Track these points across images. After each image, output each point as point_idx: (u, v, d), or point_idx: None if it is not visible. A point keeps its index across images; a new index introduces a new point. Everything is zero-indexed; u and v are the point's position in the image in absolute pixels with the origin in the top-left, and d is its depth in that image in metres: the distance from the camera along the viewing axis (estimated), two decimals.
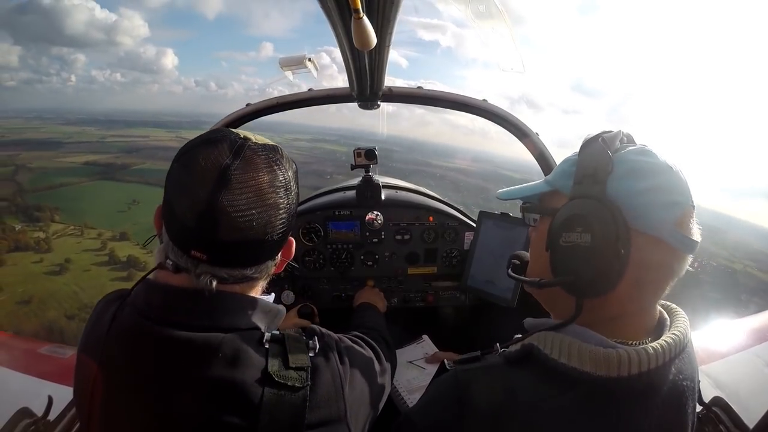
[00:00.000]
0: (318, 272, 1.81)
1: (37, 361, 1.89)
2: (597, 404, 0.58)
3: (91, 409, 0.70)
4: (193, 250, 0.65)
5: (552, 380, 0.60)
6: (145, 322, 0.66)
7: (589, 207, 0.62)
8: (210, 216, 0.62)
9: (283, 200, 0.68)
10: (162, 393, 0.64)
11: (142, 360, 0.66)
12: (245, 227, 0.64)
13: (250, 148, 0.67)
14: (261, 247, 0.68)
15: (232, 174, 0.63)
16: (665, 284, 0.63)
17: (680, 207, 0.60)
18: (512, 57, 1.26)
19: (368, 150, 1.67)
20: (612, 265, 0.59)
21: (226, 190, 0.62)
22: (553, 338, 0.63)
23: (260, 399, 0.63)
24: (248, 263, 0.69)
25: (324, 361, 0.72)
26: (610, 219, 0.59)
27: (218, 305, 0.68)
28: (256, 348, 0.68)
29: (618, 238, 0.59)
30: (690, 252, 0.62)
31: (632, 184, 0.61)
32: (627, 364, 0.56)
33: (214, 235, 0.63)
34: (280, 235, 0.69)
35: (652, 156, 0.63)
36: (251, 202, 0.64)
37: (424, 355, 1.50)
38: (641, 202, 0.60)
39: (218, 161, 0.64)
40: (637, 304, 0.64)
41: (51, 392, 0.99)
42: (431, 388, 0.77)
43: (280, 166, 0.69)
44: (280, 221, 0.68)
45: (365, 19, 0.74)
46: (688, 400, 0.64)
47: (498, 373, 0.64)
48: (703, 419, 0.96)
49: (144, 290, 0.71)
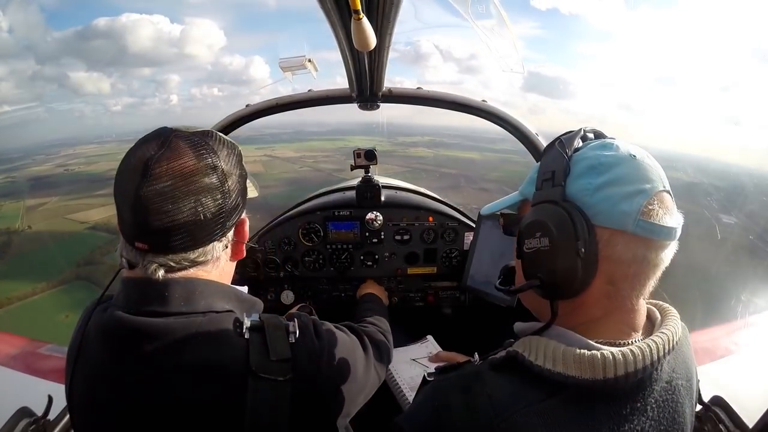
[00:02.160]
0: (318, 272, 1.81)
1: (37, 361, 1.89)
2: (586, 407, 0.57)
3: (72, 404, 0.73)
4: (136, 242, 0.68)
5: (538, 386, 0.58)
6: (123, 315, 0.68)
7: (545, 211, 0.62)
8: (139, 206, 0.65)
9: (212, 180, 0.69)
10: (145, 380, 0.66)
11: (121, 350, 0.68)
12: (172, 210, 0.66)
13: (177, 137, 0.70)
14: (196, 229, 0.69)
15: (155, 163, 0.66)
16: (644, 277, 0.61)
17: (644, 194, 0.58)
18: (512, 57, 1.26)
19: (368, 151, 1.67)
20: (575, 264, 0.59)
21: (149, 179, 0.65)
22: (537, 343, 0.62)
23: (244, 390, 0.66)
24: (189, 247, 0.70)
25: (301, 340, 0.74)
26: (566, 220, 0.59)
27: (186, 290, 0.70)
28: (235, 333, 0.70)
29: (577, 237, 0.58)
30: (665, 239, 0.59)
31: (589, 180, 0.60)
32: (613, 365, 0.55)
33: (146, 224, 0.66)
34: (216, 215, 0.70)
35: (611, 148, 0.62)
36: (176, 186, 0.66)
37: (428, 354, 1.51)
38: (600, 198, 0.59)
39: (144, 155, 0.67)
40: (618, 302, 0.62)
41: (51, 392, 0.99)
42: (416, 397, 0.78)
43: (208, 149, 0.70)
44: (212, 201, 0.69)
45: (365, 20, 0.75)
46: (685, 399, 0.64)
47: (474, 380, 0.62)
48: (702, 418, 0.96)
49: (121, 287, 0.73)
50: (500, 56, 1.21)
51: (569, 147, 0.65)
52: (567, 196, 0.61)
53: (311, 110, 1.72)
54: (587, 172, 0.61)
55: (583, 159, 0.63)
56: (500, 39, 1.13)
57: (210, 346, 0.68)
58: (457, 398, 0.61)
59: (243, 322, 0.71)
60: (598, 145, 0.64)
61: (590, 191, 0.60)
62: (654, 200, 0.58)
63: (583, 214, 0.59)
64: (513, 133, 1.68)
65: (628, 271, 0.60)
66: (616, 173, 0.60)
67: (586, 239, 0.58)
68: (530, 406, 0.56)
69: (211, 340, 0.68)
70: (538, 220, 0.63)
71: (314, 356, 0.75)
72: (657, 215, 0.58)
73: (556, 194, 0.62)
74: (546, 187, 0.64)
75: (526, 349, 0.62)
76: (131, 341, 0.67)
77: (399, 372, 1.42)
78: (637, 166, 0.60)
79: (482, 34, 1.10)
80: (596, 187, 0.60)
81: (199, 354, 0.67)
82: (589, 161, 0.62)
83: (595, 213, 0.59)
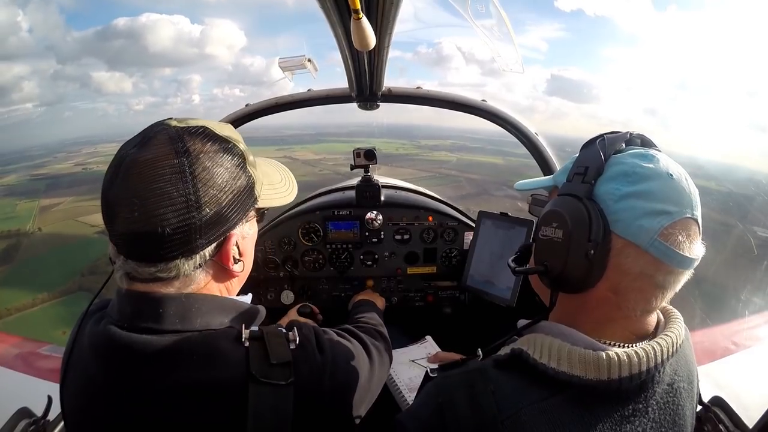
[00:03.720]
0: (317, 272, 1.81)
1: (37, 361, 1.89)
2: (588, 406, 0.57)
3: (65, 412, 0.70)
4: (116, 246, 0.65)
5: (541, 384, 0.58)
6: (117, 330, 0.64)
7: (567, 204, 0.62)
8: (106, 206, 0.62)
9: (175, 188, 0.60)
10: (139, 401, 0.63)
11: (113, 368, 0.64)
12: (132, 218, 0.60)
13: (161, 132, 0.64)
14: (156, 242, 0.61)
15: (128, 162, 0.61)
16: (651, 295, 0.60)
17: (669, 217, 0.57)
18: (513, 57, 1.26)
19: (368, 150, 1.67)
20: (581, 264, 0.59)
21: (116, 179, 0.61)
22: (542, 341, 0.62)
23: (244, 399, 0.62)
24: (148, 258, 0.63)
25: (302, 353, 0.71)
26: (584, 218, 0.59)
27: (182, 307, 0.65)
28: (233, 346, 0.66)
29: (589, 238, 0.58)
30: (680, 267, 0.58)
31: (618, 186, 0.60)
32: (617, 366, 0.55)
33: (111, 226, 0.62)
34: (176, 227, 0.61)
35: (652, 161, 0.61)
36: (137, 192, 0.60)
37: (427, 354, 1.50)
38: (624, 206, 0.59)
39: (122, 152, 0.63)
40: (621, 312, 0.61)
41: (50, 392, 0.99)
42: (418, 395, 0.78)
43: (181, 152, 0.62)
44: (172, 213, 0.60)
45: (365, 20, 0.74)
46: (686, 401, 0.64)
47: (478, 377, 0.62)
48: (702, 419, 0.96)
49: (116, 299, 0.69)
50: (500, 56, 1.21)
51: (610, 147, 0.64)
52: (594, 195, 0.61)
53: (333, 111, 1.72)
54: (619, 178, 0.60)
55: (619, 163, 0.62)
56: (500, 39, 1.13)
57: (205, 365, 0.63)
58: (461, 395, 0.60)
59: (242, 333, 0.68)
60: (639, 154, 0.63)
61: (616, 197, 0.59)
62: (677, 225, 0.57)
63: (603, 217, 0.59)
64: (513, 133, 1.68)
65: (633, 285, 0.59)
66: (647, 187, 0.58)
67: (598, 243, 0.58)
68: (534, 404, 0.56)
69: (206, 358, 0.64)
70: (557, 211, 0.63)
71: (317, 372, 0.71)
72: (676, 240, 0.57)
73: (582, 190, 0.62)
74: (576, 181, 0.63)
75: (530, 347, 0.62)
76: (123, 359, 0.63)
77: (398, 373, 1.42)
78: (671, 186, 0.59)
79: (482, 33, 1.10)
80: (623, 195, 0.59)
81: (194, 374, 0.63)
82: (624, 167, 0.61)
83: (615, 220, 0.59)
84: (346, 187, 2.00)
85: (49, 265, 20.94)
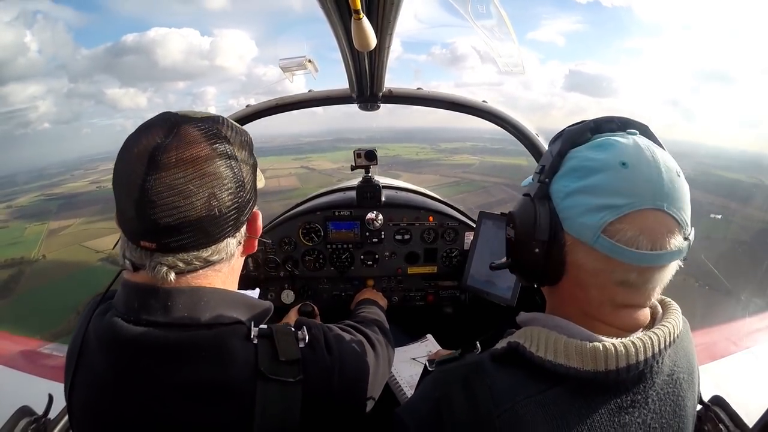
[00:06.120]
0: (318, 272, 1.81)
1: (37, 360, 1.90)
2: (586, 398, 0.56)
3: (72, 408, 0.69)
4: (141, 241, 0.62)
5: (539, 377, 0.58)
6: (123, 324, 0.63)
7: (521, 204, 0.65)
8: (145, 200, 0.59)
9: (226, 170, 0.63)
10: (146, 398, 0.62)
11: (120, 363, 0.63)
12: (184, 204, 0.60)
13: (186, 123, 0.64)
14: (210, 224, 0.63)
15: (163, 152, 0.60)
16: (615, 292, 0.58)
17: (614, 210, 0.54)
18: (513, 57, 1.26)
19: (368, 151, 1.67)
20: (533, 261, 0.61)
21: (157, 170, 0.59)
22: (538, 334, 0.61)
23: (252, 396, 0.62)
24: (201, 244, 0.64)
25: (312, 352, 0.71)
26: (530, 218, 0.60)
27: (190, 300, 0.65)
28: (242, 343, 0.66)
29: (535, 237, 0.59)
30: (638, 263, 0.54)
31: (567, 183, 0.59)
32: (614, 357, 0.55)
33: (154, 220, 0.59)
34: (230, 208, 0.64)
35: (606, 150, 0.57)
36: (187, 176, 0.60)
37: (428, 353, 1.51)
38: (569, 204, 0.58)
39: (150, 144, 0.61)
40: (594, 307, 0.60)
41: (51, 391, 0.99)
42: (417, 389, 0.77)
43: (221, 136, 0.65)
44: (227, 192, 0.63)
45: (365, 20, 0.75)
46: (687, 392, 0.64)
47: (475, 372, 0.62)
48: (702, 418, 0.96)
49: (122, 291, 0.68)
50: (500, 56, 1.21)
51: (567, 142, 0.62)
52: (550, 193, 0.61)
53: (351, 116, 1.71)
54: (569, 174, 0.60)
55: (572, 158, 0.61)
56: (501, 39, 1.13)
57: (215, 364, 0.63)
58: (457, 390, 0.60)
59: (251, 329, 0.67)
60: (594, 144, 0.60)
61: (563, 195, 0.59)
62: (627, 219, 0.54)
63: (555, 215, 0.59)
64: (513, 134, 1.68)
65: (592, 281, 0.59)
66: (593, 181, 0.56)
67: (544, 241, 0.59)
68: (530, 397, 0.56)
69: (216, 356, 0.63)
70: (513, 212, 0.67)
71: (326, 372, 0.71)
72: (624, 235, 0.53)
73: (536, 190, 0.62)
74: (534, 180, 0.64)
75: (527, 340, 0.62)
76: (130, 354, 0.62)
77: (399, 371, 1.42)
78: (621, 177, 0.55)
79: (482, 34, 1.10)
80: (569, 192, 0.58)
81: (203, 371, 0.62)
82: (574, 161, 0.60)
83: (564, 218, 0.59)
84: (346, 187, 2.01)
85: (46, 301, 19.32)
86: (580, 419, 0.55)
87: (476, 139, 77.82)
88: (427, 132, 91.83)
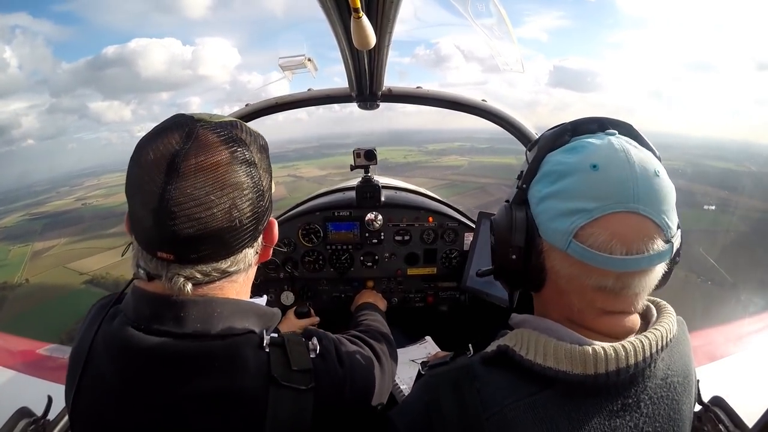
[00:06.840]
0: (318, 273, 1.81)
1: (37, 361, 1.89)
2: (576, 401, 0.56)
3: (75, 413, 0.67)
4: (158, 252, 0.60)
5: (528, 380, 0.57)
6: (134, 332, 0.61)
7: (500, 211, 0.65)
8: (164, 210, 0.56)
9: (247, 178, 0.61)
10: (155, 407, 0.61)
11: (130, 372, 0.62)
12: (205, 216, 0.57)
13: (203, 128, 0.61)
14: (230, 235, 0.61)
15: (183, 159, 0.57)
16: (594, 298, 0.57)
17: (585, 215, 0.52)
18: (512, 57, 1.26)
19: (368, 151, 1.67)
20: (512, 266, 0.61)
21: (177, 178, 0.56)
22: (528, 337, 0.61)
23: (265, 402, 0.61)
24: (220, 255, 0.62)
25: (323, 363, 0.70)
26: (507, 224, 0.61)
27: (203, 311, 0.63)
28: (255, 352, 0.65)
29: (511, 243, 0.60)
30: (612, 269, 0.53)
31: (540, 188, 0.59)
32: (604, 360, 0.54)
33: (173, 231, 0.57)
34: (250, 218, 0.62)
35: (577, 153, 0.56)
36: (208, 186, 0.58)
37: (427, 355, 1.51)
38: (541, 209, 0.58)
39: (167, 150, 0.58)
40: (576, 313, 0.59)
41: (50, 392, 0.99)
42: (410, 392, 0.77)
43: (240, 142, 0.62)
44: (247, 202, 0.61)
45: (365, 19, 0.74)
46: (682, 396, 0.63)
47: (465, 375, 0.61)
48: (702, 419, 0.96)
49: (132, 298, 0.66)
50: (500, 55, 1.21)
51: (543, 148, 0.61)
52: (527, 199, 0.61)
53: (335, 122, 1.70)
54: (543, 179, 0.59)
55: (546, 162, 0.60)
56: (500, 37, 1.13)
57: (228, 373, 0.61)
58: (447, 393, 0.60)
59: (264, 338, 0.67)
60: (567, 147, 0.59)
61: (537, 200, 0.59)
62: (600, 222, 0.52)
63: (531, 221, 0.59)
64: (513, 133, 1.68)
65: (570, 287, 0.58)
66: (564, 185, 0.55)
67: (520, 247, 0.59)
68: (520, 401, 0.56)
69: (229, 366, 0.62)
70: (493, 218, 0.67)
71: (338, 383, 0.71)
72: (596, 240, 0.52)
73: (514, 196, 0.63)
74: (515, 185, 0.65)
75: (517, 343, 0.61)
76: (141, 363, 0.61)
77: (398, 373, 1.42)
78: (591, 180, 0.53)
79: (482, 32, 1.10)
80: (542, 197, 0.58)
81: (215, 381, 0.61)
82: (548, 166, 0.59)
83: (538, 223, 0.59)
84: (346, 188, 2.00)
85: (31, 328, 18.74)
86: (570, 423, 0.55)
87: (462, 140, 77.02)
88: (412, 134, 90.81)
